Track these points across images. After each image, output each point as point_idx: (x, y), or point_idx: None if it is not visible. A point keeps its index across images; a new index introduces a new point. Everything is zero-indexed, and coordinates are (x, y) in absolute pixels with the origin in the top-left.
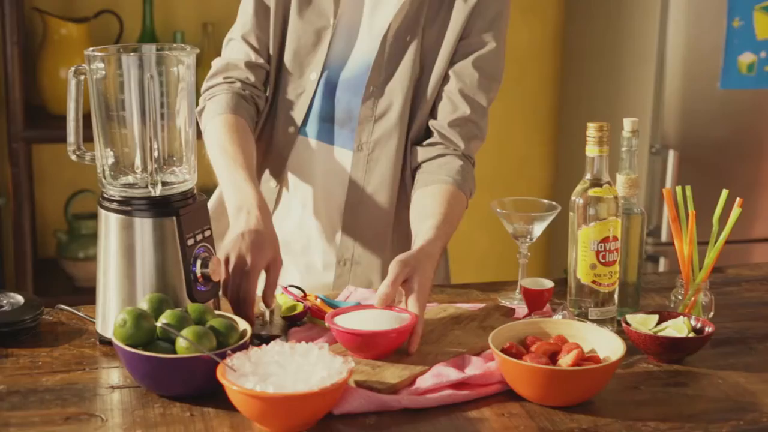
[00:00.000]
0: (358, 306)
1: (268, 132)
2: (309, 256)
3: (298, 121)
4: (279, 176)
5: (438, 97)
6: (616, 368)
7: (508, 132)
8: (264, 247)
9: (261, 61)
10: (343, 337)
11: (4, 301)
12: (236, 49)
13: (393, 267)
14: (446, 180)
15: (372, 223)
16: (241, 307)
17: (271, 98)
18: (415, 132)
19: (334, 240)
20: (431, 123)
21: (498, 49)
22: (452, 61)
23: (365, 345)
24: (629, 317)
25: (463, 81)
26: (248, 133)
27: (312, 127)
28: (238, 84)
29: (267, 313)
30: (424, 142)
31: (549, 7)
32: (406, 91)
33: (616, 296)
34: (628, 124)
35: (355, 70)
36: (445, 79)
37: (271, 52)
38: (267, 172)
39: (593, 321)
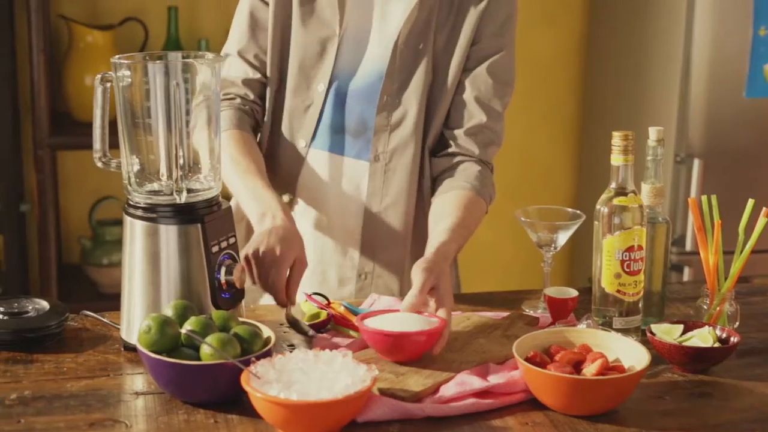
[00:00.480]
0: (387, 310)
1: (274, 146)
2: (324, 271)
3: (308, 134)
4: (290, 191)
5: (452, 105)
6: (640, 378)
7: (532, 140)
8: (293, 243)
9: (258, 76)
10: (374, 338)
11: (30, 307)
12: (233, 66)
13: (418, 275)
14: (464, 186)
15: (392, 234)
16: (273, 293)
17: (272, 112)
18: (432, 140)
19: (348, 253)
20: (447, 132)
21: (510, 53)
22: (465, 68)
23: (395, 347)
24: (654, 327)
25: (478, 88)
26: (256, 146)
27: (323, 140)
28: (238, 100)
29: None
30: (441, 153)
31: (573, 15)
32: (421, 99)
33: (640, 305)
34: (653, 133)
35: (367, 80)
36: (459, 86)
37: (269, 66)
38: (278, 188)
39: (618, 330)
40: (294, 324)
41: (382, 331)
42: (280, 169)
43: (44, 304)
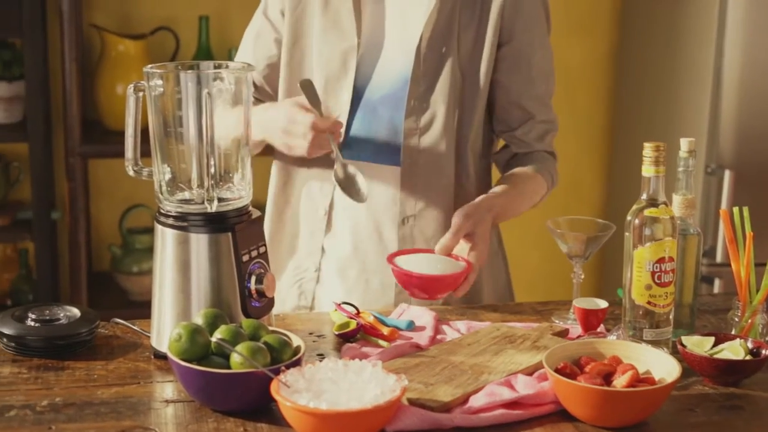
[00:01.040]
0: (420, 250)
1: (301, 162)
2: (367, 279)
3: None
4: (326, 204)
5: (499, 107)
6: (671, 390)
7: (560, 149)
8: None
9: (257, 96)
10: (401, 277)
11: (61, 314)
12: None
13: (456, 219)
14: (524, 168)
15: (428, 236)
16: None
17: None
18: (474, 140)
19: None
20: (501, 134)
21: (545, 44)
22: (503, 69)
23: (421, 286)
24: (685, 339)
25: (521, 88)
26: None
27: (353, 149)
28: None
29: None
30: (500, 150)
31: (603, 25)
32: (448, 100)
33: (671, 317)
34: (685, 144)
35: (392, 86)
36: (500, 87)
37: (283, 86)
38: (313, 202)
39: (648, 342)
40: (346, 184)
41: (408, 272)
42: (314, 182)
43: (75, 312)
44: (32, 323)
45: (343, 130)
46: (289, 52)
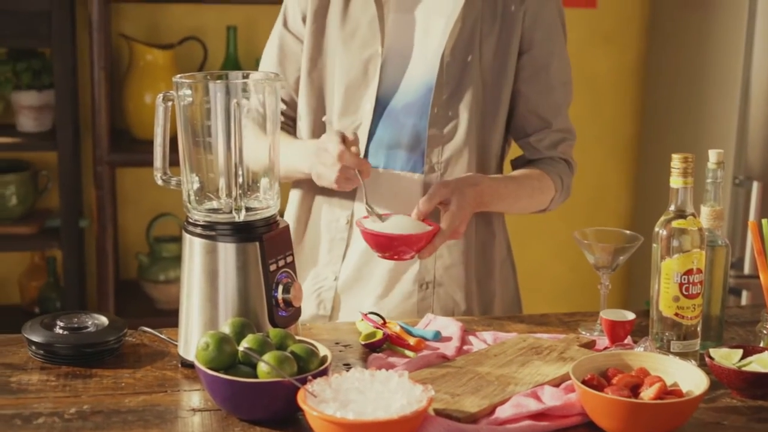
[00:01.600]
0: (392, 214)
1: None
2: (387, 286)
3: (360, 153)
4: (348, 211)
5: (517, 116)
6: (699, 403)
7: (587, 160)
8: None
9: (284, 107)
10: (365, 236)
11: (89, 322)
12: None
13: (434, 187)
14: (531, 167)
15: (450, 242)
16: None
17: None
18: (496, 148)
19: (411, 266)
20: (518, 142)
21: (563, 54)
22: (523, 78)
23: (385, 245)
24: (712, 351)
25: (540, 97)
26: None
27: (376, 157)
28: None
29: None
30: (516, 158)
31: (631, 35)
32: (471, 108)
33: (699, 329)
34: (713, 155)
35: (416, 94)
36: (519, 96)
37: (304, 95)
38: (334, 211)
39: (676, 354)
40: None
41: (371, 231)
42: (335, 193)
43: (103, 320)
44: (61, 331)
45: (360, 133)
46: (311, 63)
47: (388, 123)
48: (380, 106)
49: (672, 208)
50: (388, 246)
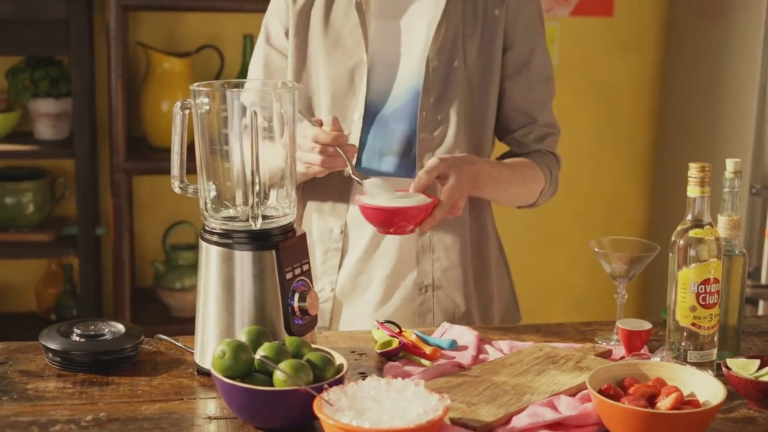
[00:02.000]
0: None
1: (318, 182)
2: (386, 293)
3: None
4: (342, 221)
5: (501, 113)
6: (715, 413)
7: (603, 168)
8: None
9: None
10: (364, 211)
11: (106, 330)
12: None
13: (432, 160)
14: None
15: (447, 244)
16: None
17: None
18: (486, 147)
19: (408, 271)
20: (504, 138)
21: (543, 49)
22: (505, 75)
23: (384, 219)
24: (729, 361)
25: (522, 93)
26: None
27: (368, 165)
28: None
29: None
30: (503, 155)
31: (648, 44)
32: (459, 111)
33: (716, 339)
34: (730, 164)
35: (403, 99)
36: (502, 93)
37: None
38: (327, 221)
39: (692, 364)
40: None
41: (369, 205)
42: (329, 200)
43: (120, 328)
44: (77, 338)
45: (350, 141)
46: (296, 75)
47: (378, 130)
48: (369, 114)
49: (689, 217)
50: (388, 220)
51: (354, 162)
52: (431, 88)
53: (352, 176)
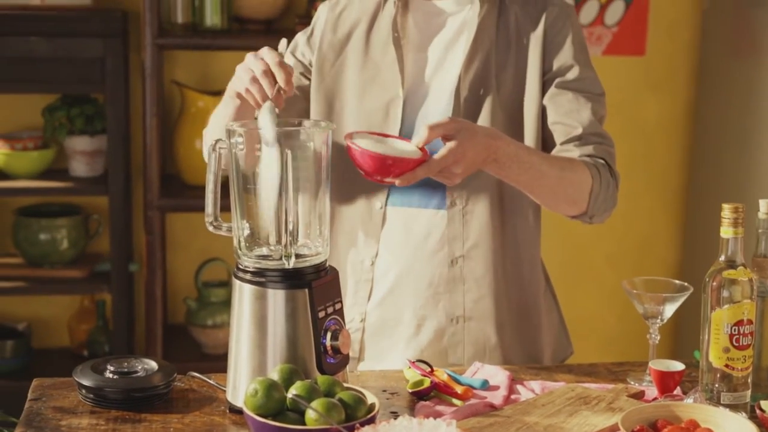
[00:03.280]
0: (387, 135)
1: (347, 213)
2: (417, 324)
3: (383, 195)
4: (373, 252)
5: (545, 131)
6: None
7: (635, 208)
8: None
9: None
10: (349, 152)
11: (139, 367)
12: None
13: (442, 118)
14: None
15: (478, 275)
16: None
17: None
18: None
19: (439, 302)
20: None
21: (585, 67)
22: (547, 96)
23: (364, 163)
24: (764, 403)
25: (561, 104)
26: None
27: (399, 197)
28: None
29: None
30: None
31: (680, 82)
32: None
33: (749, 381)
34: (764, 205)
35: None
36: (544, 112)
37: None
38: (359, 252)
39: (726, 406)
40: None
41: (355, 146)
42: (359, 233)
43: (153, 365)
44: (110, 375)
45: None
46: (325, 107)
47: None
48: None
49: (722, 258)
50: (370, 165)
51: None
52: (461, 119)
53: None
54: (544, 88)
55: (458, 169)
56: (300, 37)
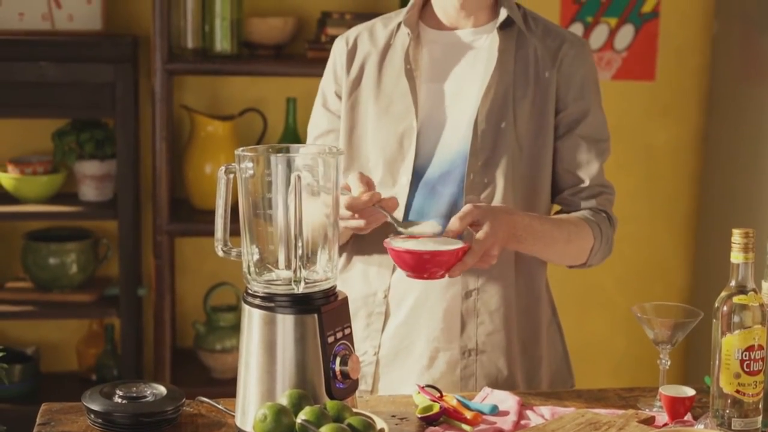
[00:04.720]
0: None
1: (363, 244)
2: (430, 356)
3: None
4: (385, 285)
5: (554, 173)
6: None
7: (645, 233)
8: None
9: None
10: (392, 254)
11: (148, 392)
12: None
13: (466, 207)
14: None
15: (492, 308)
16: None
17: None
18: (537, 209)
19: (452, 334)
20: (554, 198)
21: (597, 111)
22: (557, 135)
23: (413, 263)
24: None
25: (574, 154)
26: None
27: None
28: None
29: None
30: (555, 213)
31: (690, 108)
32: (507, 173)
33: (761, 406)
34: None
35: (451, 163)
36: (556, 154)
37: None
38: (371, 285)
39: None
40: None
41: (398, 249)
42: (373, 265)
43: (162, 389)
44: (119, 400)
45: (392, 200)
46: (346, 139)
47: (425, 193)
48: (416, 177)
49: (732, 283)
50: (416, 264)
51: (397, 214)
52: (479, 150)
53: (398, 229)
54: (557, 129)
55: (495, 251)
56: (325, 86)
